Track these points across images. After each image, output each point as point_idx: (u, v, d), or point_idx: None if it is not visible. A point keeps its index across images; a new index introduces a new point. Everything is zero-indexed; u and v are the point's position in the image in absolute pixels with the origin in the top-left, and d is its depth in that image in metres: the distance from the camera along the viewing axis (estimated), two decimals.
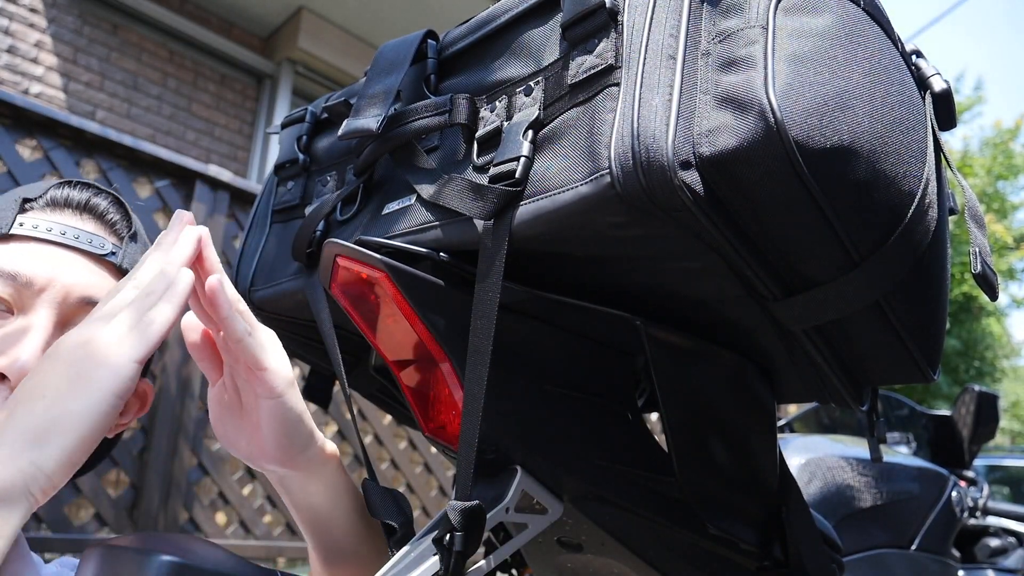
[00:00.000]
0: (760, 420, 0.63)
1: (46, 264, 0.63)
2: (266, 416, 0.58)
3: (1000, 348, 12.64)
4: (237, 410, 0.61)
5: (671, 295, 0.55)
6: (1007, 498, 5.06)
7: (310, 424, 0.62)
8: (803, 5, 0.46)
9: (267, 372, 0.56)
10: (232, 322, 0.54)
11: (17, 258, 0.63)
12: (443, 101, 0.55)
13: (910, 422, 2.38)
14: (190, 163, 2.37)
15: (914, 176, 0.47)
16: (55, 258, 0.64)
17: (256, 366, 0.56)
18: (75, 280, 0.64)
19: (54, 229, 0.65)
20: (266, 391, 0.57)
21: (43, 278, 0.62)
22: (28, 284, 0.62)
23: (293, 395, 0.59)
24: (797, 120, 0.42)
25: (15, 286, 0.61)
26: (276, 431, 0.58)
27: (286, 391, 0.58)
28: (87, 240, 0.66)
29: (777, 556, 0.64)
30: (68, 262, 0.64)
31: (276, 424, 0.58)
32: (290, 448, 0.60)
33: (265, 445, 0.59)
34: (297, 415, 0.59)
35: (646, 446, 0.59)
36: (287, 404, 0.58)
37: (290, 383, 0.58)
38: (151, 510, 2.19)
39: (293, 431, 0.59)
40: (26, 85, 3.70)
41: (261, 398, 0.57)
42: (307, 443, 0.61)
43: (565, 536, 0.61)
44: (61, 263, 0.64)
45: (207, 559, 0.47)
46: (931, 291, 0.54)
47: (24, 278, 0.62)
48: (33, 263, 0.63)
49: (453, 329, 0.52)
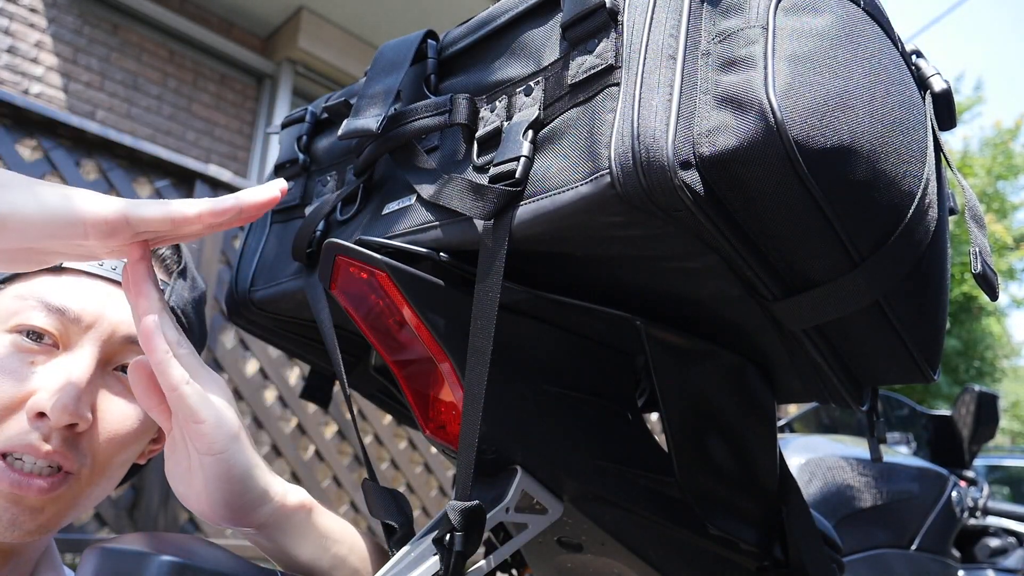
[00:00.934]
0: (760, 420, 0.63)
1: (95, 300, 0.63)
2: (208, 474, 0.51)
3: (1000, 348, 12.65)
4: (185, 467, 0.54)
5: (671, 295, 0.55)
6: (1007, 498, 5.06)
7: (262, 479, 0.54)
8: (803, 5, 0.46)
9: (204, 425, 0.50)
10: (166, 367, 0.49)
11: (67, 292, 0.62)
12: (443, 101, 0.55)
13: (910, 422, 2.38)
14: (190, 163, 2.37)
15: (914, 176, 0.47)
16: (104, 294, 0.64)
17: (193, 419, 0.50)
18: (121, 318, 0.63)
19: (105, 264, 0.65)
20: (204, 447, 0.50)
21: (91, 315, 0.62)
22: (76, 320, 0.62)
23: (237, 450, 0.52)
24: (797, 120, 0.42)
25: (63, 321, 0.61)
26: (221, 489, 0.52)
27: (228, 447, 0.51)
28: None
29: (777, 556, 0.64)
30: (116, 299, 0.64)
31: (219, 483, 0.51)
32: (241, 507, 0.53)
33: (215, 504, 0.52)
34: (242, 472, 0.52)
35: (646, 446, 0.59)
36: (230, 461, 0.51)
37: (233, 437, 0.51)
38: (151, 510, 2.19)
39: (241, 489, 0.52)
40: (26, 85, 3.70)
41: (200, 454, 0.51)
42: (261, 499, 0.54)
43: (565, 536, 0.61)
44: (109, 300, 0.64)
45: (207, 559, 0.47)
46: (931, 291, 0.54)
47: (73, 314, 0.61)
48: (82, 298, 0.63)
49: (453, 329, 0.52)
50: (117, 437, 0.63)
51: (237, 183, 2.46)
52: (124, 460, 0.65)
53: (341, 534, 0.61)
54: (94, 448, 0.61)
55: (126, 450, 0.64)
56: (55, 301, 0.61)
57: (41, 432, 0.58)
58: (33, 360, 0.60)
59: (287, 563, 0.58)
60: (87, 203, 0.46)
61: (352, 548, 0.62)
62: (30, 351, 0.60)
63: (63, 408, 0.57)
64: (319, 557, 0.59)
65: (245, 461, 0.53)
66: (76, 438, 0.60)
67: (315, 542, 0.59)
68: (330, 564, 0.59)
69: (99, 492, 0.64)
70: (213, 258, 2.38)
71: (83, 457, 0.61)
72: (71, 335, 0.62)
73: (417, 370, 0.57)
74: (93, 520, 2.14)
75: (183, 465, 0.54)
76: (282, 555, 0.58)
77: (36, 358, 0.60)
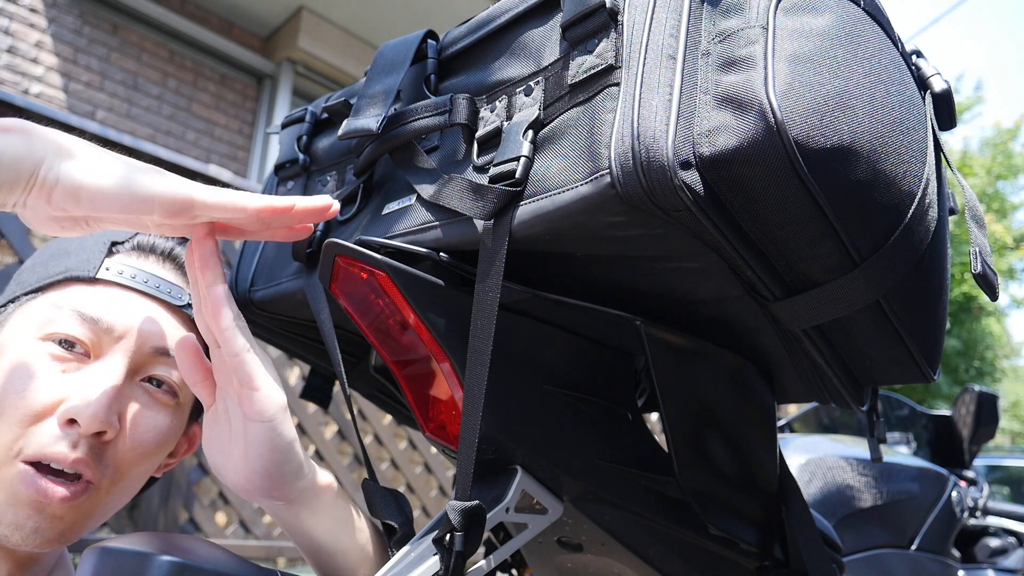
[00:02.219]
0: (760, 420, 0.63)
1: (127, 312, 0.64)
2: (254, 441, 0.55)
3: (1000, 348, 12.65)
4: (227, 437, 0.58)
5: (671, 295, 0.55)
6: (1007, 498, 5.06)
7: (300, 454, 0.59)
8: (803, 5, 0.46)
9: (259, 393, 0.54)
10: (232, 334, 0.53)
11: (101, 303, 0.64)
12: (443, 101, 0.55)
13: (910, 422, 2.38)
14: (190, 163, 2.38)
15: (914, 176, 0.47)
16: (135, 306, 0.65)
17: (249, 385, 0.54)
18: (151, 330, 0.65)
19: (138, 277, 0.67)
20: (256, 413, 0.54)
21: (123, 326, 0.64)
22: (109, 331, 0.63)
23: (284, 421, 0.56)
24: (797, 120, 0.42)
25: (96, 331, 0.63)
26: (264, 458, 0.55)
27: (277, 416, 0.55)
28: (167, 290, 0.68)
29: (777, 556, 0.64)
30: (147, 311, 0.66)
31: (264, 451, 0.55)
32: (279, 478, 0.57)
33: (253, 474, 0.56)
34: (287, 443, 0.56)
35: (646, 446, 0.59)
36: (277, 430, 0.55)
37: (282, 407, 0.56)
38: (151, 510, 2.19)
39: (282, 459, 0.56)
40: (26, 85, 3.70)
41: (250, 421, 0.55)
42: (297, 473, 0.58)
43: (565, 536, 0.61)
44: (140, 312, 0.65)
45: (207, 559, 0.47)
46: (931, 291, 0.54)
47: (106, 324, 0.63)
48: (114, 310, 0.64)
49: (453, 329, 0.52)
50: (141, 447, 0.64)
51: (237, 183, 2.46)
52: (143, 471, 0.67)
53: (360, 522, 0.64)
54: (117, 458, 0.62)
55: (147, 460, 0.66)
56: (89, 311, 0.63)
57: (70, 439, 0.59)
58: (64, 368, 0.61)
59: (305, 541, 0.62)
60: (159, 183, 0.49)
61: (367, 538, 0.64)
62: (62, 359, 0.61)
63: (93, 416, 0.58)
64: (336, 539, 0.61)
65: (289, 432, 0.57)
66: (102, 447, 0.61)
67: (335, 523, 0.61)
68: (344, 548, 0.62)
69: (116, 503, 0.65)
70: None
71: (105, 468, 0.62)
72: (103, 345, 0.63)
73: (417, 370, 0.57)
74: None
75: (224, 436, 0.58)
76: (301, 532, 0.61)
77: (67, 366, 0.61)
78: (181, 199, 0.49)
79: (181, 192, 0.49)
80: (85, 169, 0.47)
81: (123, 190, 0.47)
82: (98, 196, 0.47)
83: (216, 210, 0.51)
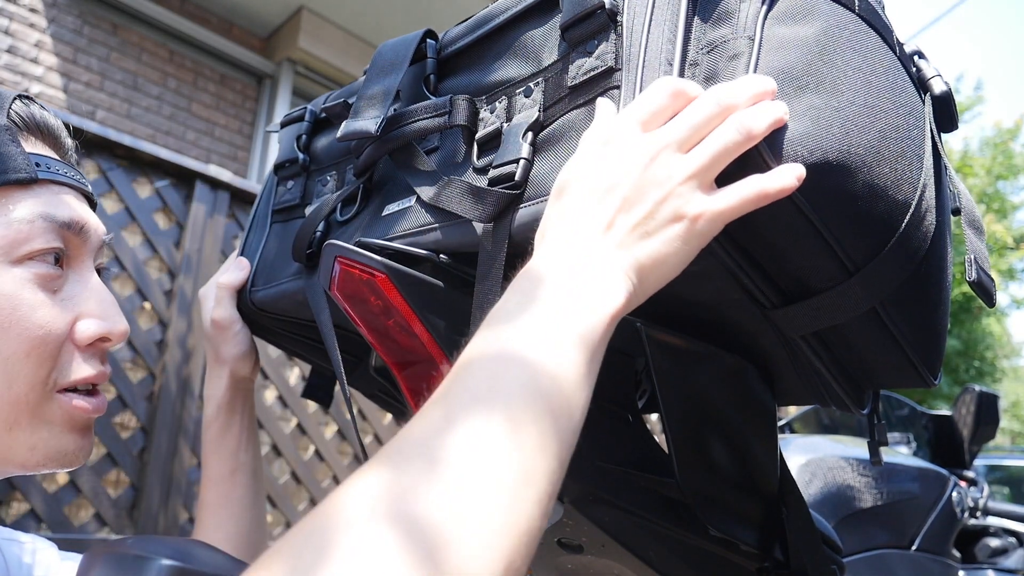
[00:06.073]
0: (760, 421, 0.63)
1: (82, 208, 0.59)
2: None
3: (1000, 348, 12.65)
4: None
5: (671, 296, 0.55)
6: (1007, 498, 5.06)
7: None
8: (794, 12, 0.45)
9: None
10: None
11: (62, 206, 0.56)
12: (443, 102, 0.55)
13: (910, 422, 2.38)
14: (190, 163, 2.37)
15: (909, 183, 0.46)
16: (77, 201, 0.59)
17: None
18: (96, 222, 0.60)
19: (66, 172, 0.59)
20: None
21: (92, 225, 0.59)
22: (81, 232, 0.57)
23: None
24: (779, 138, 0.41)
25: (67, 236, 0.56)
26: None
27: None
28: (85, 181, 0.61)
29: (777, 557, 0.64)
30: (82, 203, 0.60)
31: None
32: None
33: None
34: None
35: (646, 447, 0.59)
36: None
37: None
38: (151, 510, 2.19)
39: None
40: (26, 85, 3.70)
41: None
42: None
43: (565, 537, 0.61)
44: (81, 206, 0.59)
45: (206, 563, 0.47)
46: (930, 297, 0.53)
47: (78, 226, 0.57)
48: (75, 209, 0.58)
49: (453, 330, 0.52)
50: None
51: (237, 183, 2.46)
52: None
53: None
54: None
55: None
56: (62, 216, 0.56)
57: (99, 357, 0.58)
58: (55, 287, 0.55)
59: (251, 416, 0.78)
60: (705, 230, 0.43)
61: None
62: (50, 278, 0.55)
63: (124, 331, 0.58)
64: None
65: None
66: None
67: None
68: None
69: None
70: (213, 258, 2.38)
71: None
72: (71, 249, 0.57)
73: (417, 371, 0.56)
74: (93, 520, 2.14)
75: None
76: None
77: (56, 284, 0.55)
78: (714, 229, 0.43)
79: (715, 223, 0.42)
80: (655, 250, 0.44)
81: (673, 268, 0.45)
82: (655, 279, 0.45)
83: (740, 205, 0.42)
